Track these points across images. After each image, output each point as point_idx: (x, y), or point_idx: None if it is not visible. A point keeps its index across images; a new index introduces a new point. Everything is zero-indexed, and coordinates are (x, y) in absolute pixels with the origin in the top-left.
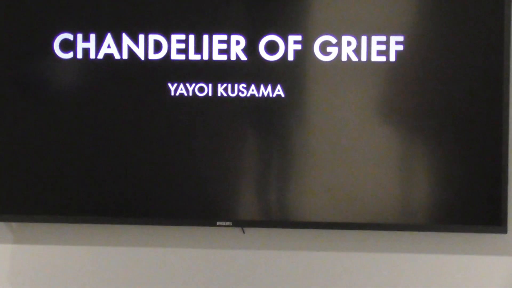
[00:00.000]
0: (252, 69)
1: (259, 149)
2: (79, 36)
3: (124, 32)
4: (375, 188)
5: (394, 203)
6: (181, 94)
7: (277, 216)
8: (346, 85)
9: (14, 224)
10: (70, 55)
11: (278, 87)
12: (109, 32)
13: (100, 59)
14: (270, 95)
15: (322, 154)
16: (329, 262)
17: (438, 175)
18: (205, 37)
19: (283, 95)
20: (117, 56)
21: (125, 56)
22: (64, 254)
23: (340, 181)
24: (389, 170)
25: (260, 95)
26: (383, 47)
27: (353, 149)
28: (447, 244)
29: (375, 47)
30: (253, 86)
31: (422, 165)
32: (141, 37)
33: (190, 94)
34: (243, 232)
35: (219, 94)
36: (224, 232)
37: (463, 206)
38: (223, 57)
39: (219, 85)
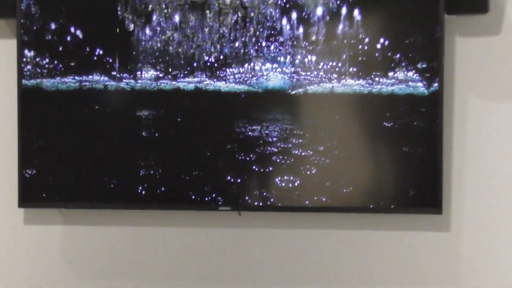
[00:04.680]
0: None
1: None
2: None
3: None
4: (348, 178)
5: (359, 190)
6: None
7: (269, 201)
8: None
9: (63, 210)
10: None
11: None
12: None
13: None
14: None
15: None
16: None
17: (389, 168)
18: None
19: None
20: None
21: None
22: (104, 234)
23: (324, 172)
24: (359, 166)
25: None
26: None
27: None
28: (394, 223)
29: None
30: None
31: (377, 161)
32: None
33: None
34: (239, 215)
35: None
36: (224, 215)
37: (407, 191)
38: None
39: None
